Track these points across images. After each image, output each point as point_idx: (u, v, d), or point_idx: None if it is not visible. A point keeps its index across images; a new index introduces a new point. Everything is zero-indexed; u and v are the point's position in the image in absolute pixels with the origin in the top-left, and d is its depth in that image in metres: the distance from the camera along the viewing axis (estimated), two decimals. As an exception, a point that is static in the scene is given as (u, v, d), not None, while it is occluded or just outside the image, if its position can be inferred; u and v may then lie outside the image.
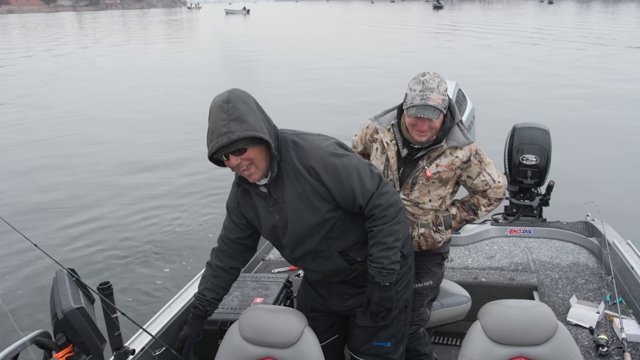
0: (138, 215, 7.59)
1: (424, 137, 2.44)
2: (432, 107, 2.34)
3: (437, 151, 2.49)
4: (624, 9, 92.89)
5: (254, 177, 2.06)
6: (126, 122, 13.68)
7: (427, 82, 2.36)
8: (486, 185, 2.59)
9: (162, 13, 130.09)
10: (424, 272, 2.71)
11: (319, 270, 2.32)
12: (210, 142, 1.95)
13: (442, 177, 2.51)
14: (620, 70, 20.21)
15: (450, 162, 2.50)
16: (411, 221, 2.58)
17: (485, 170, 2.57)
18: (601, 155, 9.65)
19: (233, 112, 1.95)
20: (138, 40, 42.49)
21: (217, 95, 2.02)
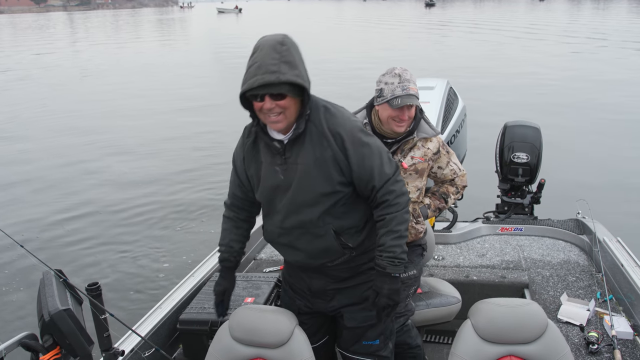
0: (127, 214, 7.55)
1: (403, 127, 2.54)
2: (413, 96, 2.48)
3: (409, 143, 2.61)
4: (615, 6, 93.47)
5: (279, 125, 2.00)
6: (115, 121, 13.60)
7: (402, 75, 2.50)
8: (454, 174, 2.76)
9: (154, 12, 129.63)
10: (407, 263, 2.69)
11: (303, 249, 2.19)
12: (254, 77, 1.89)
13: (417, 169, 2.63)
14: (612, 68, 20.33)
15: (424, 153, 2.63)
16: None
17: (451, 160, 2.74)
18: (592, 152, 9.70)
19: (286, 55, 1.92)
20: (130, 40, 42.31)
21: (266, 35, 1.99)
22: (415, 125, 2.61)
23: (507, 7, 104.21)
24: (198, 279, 3.20)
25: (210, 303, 2.94)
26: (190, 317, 2.82)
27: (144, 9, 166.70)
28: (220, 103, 15.17)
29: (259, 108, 1.97)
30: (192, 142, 11.27)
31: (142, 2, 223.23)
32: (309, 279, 2.32)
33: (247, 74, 1.93)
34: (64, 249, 6.44)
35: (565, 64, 21.83)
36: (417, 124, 2.62)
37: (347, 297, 2.30)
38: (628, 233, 4.15)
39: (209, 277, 3.25)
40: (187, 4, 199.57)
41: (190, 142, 11.22)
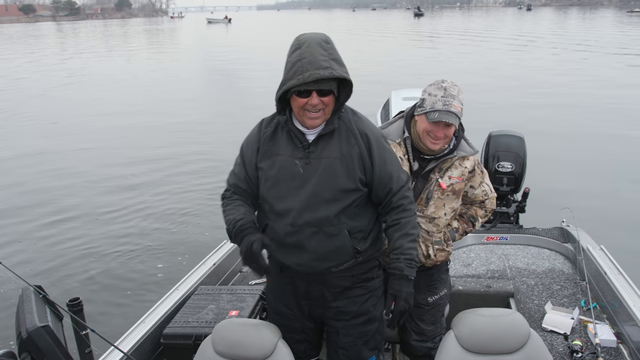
0: (108, 228, 7.42)
1: (438, 145, 2.37)
2: (454, 114, 2.29)
3: (448, 162, 2.44)
4: (600, 15, 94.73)
5: (317, 122, 2.05)
6: (99, 133, 13.47)
7: (448, 89, 2.32)
8: (485, 195, 2.57)
9: (143, 22, 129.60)
10: (437, 283, 2.65)
11: (312, 250, 2.12)
12: (306, 72, 1.92)
13: (455, 189, 2.45)
14: (597, 76, 20.56)
15: (461, 173, 2.45)
16: (425, 239, 2.47)
17: (484, 180, 2.55)
18: (576, 161, 9.76)
19: (333, 52, 1.98)
20: (122, 50, 42.17)
21: (305, 33, 2.04)
22: (457, 144, 2.44)
23: (496, 16, 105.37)
24: (182, 293, 3.18)
25: (194, 317, 2.94)
26: (174, 332, 2.80)
27: (134, 19, 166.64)
28: (205, 113, 15.22)
29: (303, 104, 2.00)
30: (170, 154, 11.21)
31: (131, 12, 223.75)
32: (307, 286, 2.25)
33: (294, 69, 1.95)
34: (45, 264, 6.33)
35: (551, 72, 22.03)
36: (459, 143, 2.45)
37: (345, 308, 2.27)
38: (611, 241, 4.19)
39: (192, 291, 3.23)
40: (178, 14, 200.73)
41: (169, 155, 11.15)
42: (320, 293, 2.25)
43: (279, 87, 2.03)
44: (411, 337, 2.64)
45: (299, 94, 1.99)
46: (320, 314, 2.32)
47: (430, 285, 2.58)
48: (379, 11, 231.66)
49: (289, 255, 2.18)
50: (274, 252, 2.22)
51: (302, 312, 2.32)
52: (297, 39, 2.04)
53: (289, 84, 1.96)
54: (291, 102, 2.07)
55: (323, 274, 2.20)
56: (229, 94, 18.87)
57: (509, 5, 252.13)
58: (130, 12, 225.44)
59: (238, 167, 2.22)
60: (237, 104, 16.71)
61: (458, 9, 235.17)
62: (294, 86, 1.96)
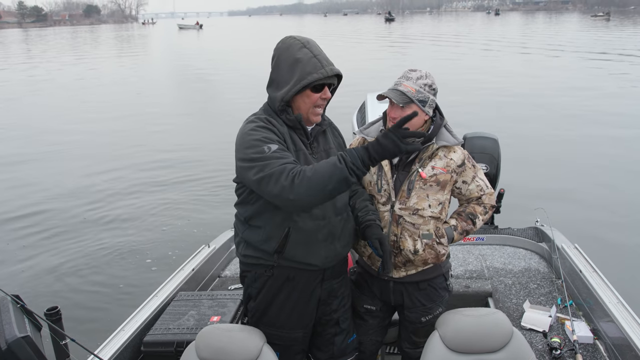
0: (85, 236, 7.28)
1: None
2: (398, 92, 2.29)
3: (428, 151, 2.38)
4: (566, 19, 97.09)
5: (319, 117, 2.18)
6: (73, 142, 13.24)
7: (408, 73, 2.35)
8: (481, 190, 2.49)
9: (114, 29, 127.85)
10: (433, 305, 2.53)
11: (342, 237, 2.24)
12: (326, 66, 2.05)
13: (439, 180, 2.38)
14: (567, 77, 21.06)
15: (446, 164, 2.38)
16: (411, 232, 2.39)
17: (477, 175, 2.49)
18: (548, 161, 9.96)
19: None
20: (94, 57, 41.50)
21: (295, 35, 2.16)
22: (434, 131, 2.38)
23: (465, 21, 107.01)
24: (161, 300, 3.14)
25: (175, 323, 2.90)
26: (154, 339, 2.76)
27: (103, 26, 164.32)
28: (178, 117, 15.10)
29: (316, 99, 2.10)
30: (144, 161, 11.09)
31: (100, 18, 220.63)
32: (319, 288, 2.28)
33: (311, 64, 2.04)
34: (21, 273, 6.21)
35: (522, 74, 22.48)
36: (437, 130, 2.39)
37: (344, 292, 2.43)
38: (585, 239, 4.29)
39: (172, 297, 3.19)
40: (150, 20, 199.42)
41: (143, 161, 11.03)
42: (330, 286, 2.33)
43: (293, 84, 2.05)
44: (404, 345, 2.65)
45: (313, 89, 2.07)
46: (322, 311, 2.36)
47: (425, 306, 2.51)
48: (350, 16, 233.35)
49: (319, 251, 2.18)
50: (296, 257, 2.15)
51: (310, 317, 2.32)
52: (296, 38, 2.12)
53: (311, 77, 2.03)
54: (297, 100, 2.11)
55: (337, 265, 2.31)
56: (202, 98, 18.76)
57: (477, 10, 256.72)
58: (99, 18, 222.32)
59: (283, 150, 2.00)
60: (209, 108, 16.65)
61: (428, 14, 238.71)
62: (317, 80, 2.03)
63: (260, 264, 2.21)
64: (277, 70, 2.12)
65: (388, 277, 2.47)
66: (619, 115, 13.98)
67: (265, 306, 2.27)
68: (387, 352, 3.50)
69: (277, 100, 2.10)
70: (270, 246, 2.14)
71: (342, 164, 1.85)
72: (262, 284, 2.24)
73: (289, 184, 1.87)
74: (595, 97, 16.52)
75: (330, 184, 1.85)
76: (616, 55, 29.20)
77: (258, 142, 1.98)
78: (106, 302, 5.48)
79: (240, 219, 2.25)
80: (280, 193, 1.89)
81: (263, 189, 1.95)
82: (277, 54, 2.13)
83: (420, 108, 2.31)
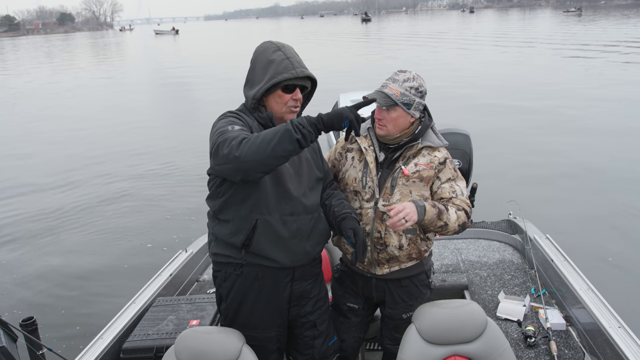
0: (60, 242, 7.23)
1: (382, 130, 2.38)
2: (383, 94, 2.31)
3: (413, 149, 2.40)
4: (539, 15, 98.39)
5: (293, 117, 2.21)
6: (42, 145, 13.15)
7: (395, 75, 2.36)
8: (453, 193, 2.39)
9: (90, 36, 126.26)
10: (414, 301, 2.54)
11: (312, 236, 2.26)
12: (298, 68, 2.14)
13: (422, 176, 2.38)
14: (539, 72, 21.34)
15: (429, 160, 2.40)
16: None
17: (456, 181, 2.43)
18: (518, 155, 10.11)
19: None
20: (78, 64, 40.92)
21: (272, 40, 2.24)
22: (421, 132, 2.41)
23: (440, 19, 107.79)
24: (139, 306, 3.13)
25: (154, 329, 2.90)
26: (133, 345, 2.76)
27: (78, 34, 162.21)
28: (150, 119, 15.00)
29: (287, 100, 2.17)
30: (118, 164, 11.06)
31: (75, 26, 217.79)
32: (289, 287, 2.29)
33: (283, 65, 2.13)
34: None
35: (494, 69, 22.74)
36: (424, 131, 2.41)
37: (319, 294, 2.43)
38: (556, 229, 4.38)
39: (150, 303, 3.19)
40: (128, 27, 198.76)
41: (117, 165, 10.99)
42: (301, 287, 2.34)
43: (264, 82, 2.13)
44: (386, 341, 2.68)
45: (285, 89, 2.15)
46: (295, 312, 2.37)
47: (407, 303, 2.54)
48: (327, 18, 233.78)
49: (286, 247, 2.19)
50: (263, 251, 2.16)
51: (282, 316, 2.33)
52: (272, 42, 2.23)
53: (281, 77, 2.11)
54: (270, 100, 2.19)
55: (308, 265, 2.33)
56: (178, 103, 18.68)
57: (453, 8, 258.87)
58: (73, 26, 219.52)
59: (246, 129, 2.08)
60: (186, 111, 16.60)
61: (404, 13, 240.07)
62: (286, 79, 2.12)
63: (229, 263, 2.22)
64: (253, 71, 2.22)
65: (371, 274, 2.50)
66: (591, 107, 14.23)
67: (237, 307, 2.29)
68: (367, 348, 3.55)
69: (250, 98, 2.18)
70: (238, 239, 2.15)
71: (288, 125, 1.89)
72: (231, 284, 2.25)
73: (237, 143, 1.89)
74: (566, 90, 16.78)
75: (274, 140, 1.85)
76: (588, 48, 29.70)
77: (224, 124, 2.07)
78: (84, 309, 5.41)
79: (211, 213, 2.28)
80: (229, 153, 1.89)
81: (218, 155, 1.96)
82: (254, 57, 2.24)
83: (405, 111, 2.34)
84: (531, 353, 2.86)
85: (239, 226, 2.15)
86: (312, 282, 2.39)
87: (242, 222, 2.15)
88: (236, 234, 2.16)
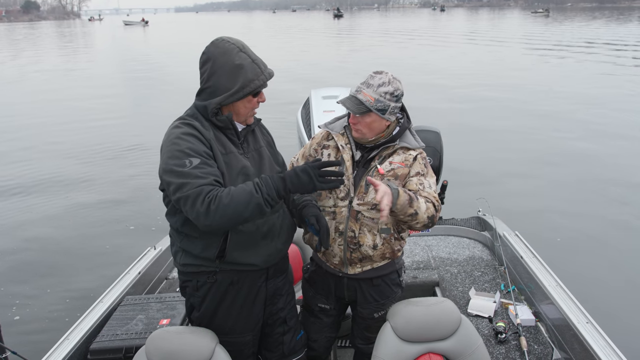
0: (24, 237, 6.98)
1: (357, 133, 2.36)
2: (356, 100, 2.28)
3: (389, 150, 2.38)
4: (508, 15, 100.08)
5: (253, 119, 2.20)
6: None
7: (370, 78, 2.31)
8: (421, 185, 2.34)
9: (57, 25, 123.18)
10: (386, 300, 2.53)
11: (282, 232, 2.23)
12: (265, 71, 2.07)
13: (397, 174, 2.36)
14: (509, 68, 21.72)
15: (404, 159, 2.38)
16: (370, 227, 2.37)
17: (425, 176, 2.39)
18: (488, 153, 10.23)
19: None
20: (48, 55, 39.78)
21: (227, 37, 2.08)
22: (399, 133, 2.39)
23: (411, 16, 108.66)
24: (107, 305, 3.06)
25: (123, 329, 2.84)
26: (101, 346, 2.70)
27: (43, 22, 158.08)
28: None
29: (255, 103, 2.13)
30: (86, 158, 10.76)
31: (40, 15, 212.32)
32: (264, 287, 2.27)
33: (253, 71, 2.04)
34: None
35: (464, 66, 23.02)
36: (401, 133, 2.39)
37: (290, 290, 2.44)
38: (524, 226, 4.44)
39: (119, 302, 3.12)
40: (97, 17, 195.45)
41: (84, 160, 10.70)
42: (274, 285, 2.33)
43: (235, 90, 2.02)
44: (357, 340, 2.67)
45: (254, 93, 2.08)
46: (269, 311, 2.35)
47: (378, 302, 2.53)
48: (299, 12, 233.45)
49: (260, 250, 2.16)
50: (238, 259, 2.12)
51: (258, 318, 2.30)
52: (229, 42, 2.05)
53: (253, 85, 2.04)
54: (238, 105, 2.09)
55: (279, 262, 2.30)
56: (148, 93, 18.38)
57: (424, 7, 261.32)
58: (38, 14, 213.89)
59: (205, 165, 1.96)
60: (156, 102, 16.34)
61: (376, 10, 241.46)
62: (260, 86, 2.06)
63: (201, 272, 2.14)
64: (214, 76, 2.04)
65: (343, 274, 2.47)
66: (560, 103, 14.53)
67: (211, 314, 2.21)
68: (339, 345, 3.55)
69: (214, 104, 2.03)
70: (211, 253, 2.08)
71: (258, 194, 1.90)
72: (205, 292, 2.17)
73: (204, 210, 1.86)
74: (536, 86, 17.11)
75: (246, 213, 1.90)
76: (557, 47, 30.36)
77: (180, 154, 1.95)
78: (50, 310, 5.22)
79: (174, 227, 2.16)
80: (197, 218, 1.89)
81: (181, 208, 1.94)
82: (212, 59, 2.04)
83: (380, 116, 2.30)
84: (502, 349, 2.90)
85: (209, 241, 2.08)
86: (284, 279, 2.39)
87: (211, 236, 2.07)
88: (207, 249, 2.08)
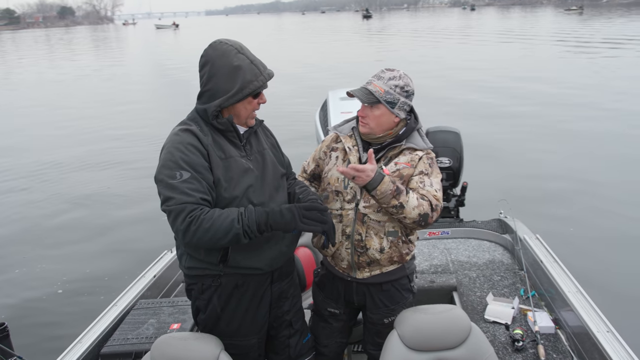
0: (35, 243, 7.02)
1: (364, 127, 2.33)
2: (366, 90, 2.26)
3: (395, 150, 2.35)
4: (541, 13, 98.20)
5: (254, 121, 2.17)
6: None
7: (381, 72, 2.30)
8: (421, 184, 2.30)
9: (92, 30, 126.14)
10: (396, 306, 2.50)
11: (285, 237, 2.18)
12: (264, 72, 2.05)
13: (402, 174, 2.32)
14: (539, 70, 21.25)
15: (410, 159, 2.34)
16: (377, 230, 2.34)
17: (428, 176, 2.34)
18: (510, 154, 10.01)
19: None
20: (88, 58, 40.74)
21: (225, 39, 2.08)
22: (406, 133, 2.35)
23: (441, 16, 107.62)
24: (121, 309, 3.07)
25: (134, 333, 2.85)
26: (112, 350, 2.70)
27: (78, 27, 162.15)
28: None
29: (256, 104, 2.11)
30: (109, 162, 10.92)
31: (75, 20, 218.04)
32: (269, 290, 2.25)
33: (251, 71, 2.02)
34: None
35: (492, 68, 22.64)
36: (408, 133, 2.35)
37: (294, 292, 2.42)
38: (546, 230, 4.32)
39: (132, 305, 3.13)
40: (131, 21, 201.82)
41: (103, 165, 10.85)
42: (280, 288, 2.31)
43: (235, 92, 2.01)
44: (368, 346, 2.63)
45: (254, 95, 2.07)
46: (274, 314, 2.33)
47: (388, 307, 2.49)
48: (328, 14, 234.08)
49: (264, 254, 2.14)
50: (242, 262, 2.11)
51: (263, 321, 2.29)
52: (227, 43, 2.05)
53: (252, 86, 2.02)
54: (239, 107, 2.08)
55: (285, 265, 2.28)
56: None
57: (454, 6, 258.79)
58: (74, 20, 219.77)
59: (194, 180, 1.96)
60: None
61: (406, 10, 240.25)
62: (259, 87, 2.04)
63: (206, 275, 2.14)
64: (213, 79, 2.03)
65: (351, 278, 2.44)
66: (589, 106, 14.10)
67: (216, 317, 2.21)
68: (353, 350, 3.50)
69: (213, 107, 2.03)
70: (214, 257, 2.08)
71: (239, 225, 1.92)
72: (210, 295, 2.17)
73: (183, 228, 1.90)
74: (566, 89, 16.66)
75: (224, 240, 1.93)
76: (591, 45, 29.61)
77: (173, 165, 1.97)
78: (61, 314, 5.19)
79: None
80: (176, 233, 1.96)
81: (167, 216, 1.97)
82: (210, 61, 2.04)
83: (389, 109, 2.27)
84: (519, 357, 2.81)
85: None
86: (289, 281, 2.36)
87: None
88: (210, 253, 2.08)
